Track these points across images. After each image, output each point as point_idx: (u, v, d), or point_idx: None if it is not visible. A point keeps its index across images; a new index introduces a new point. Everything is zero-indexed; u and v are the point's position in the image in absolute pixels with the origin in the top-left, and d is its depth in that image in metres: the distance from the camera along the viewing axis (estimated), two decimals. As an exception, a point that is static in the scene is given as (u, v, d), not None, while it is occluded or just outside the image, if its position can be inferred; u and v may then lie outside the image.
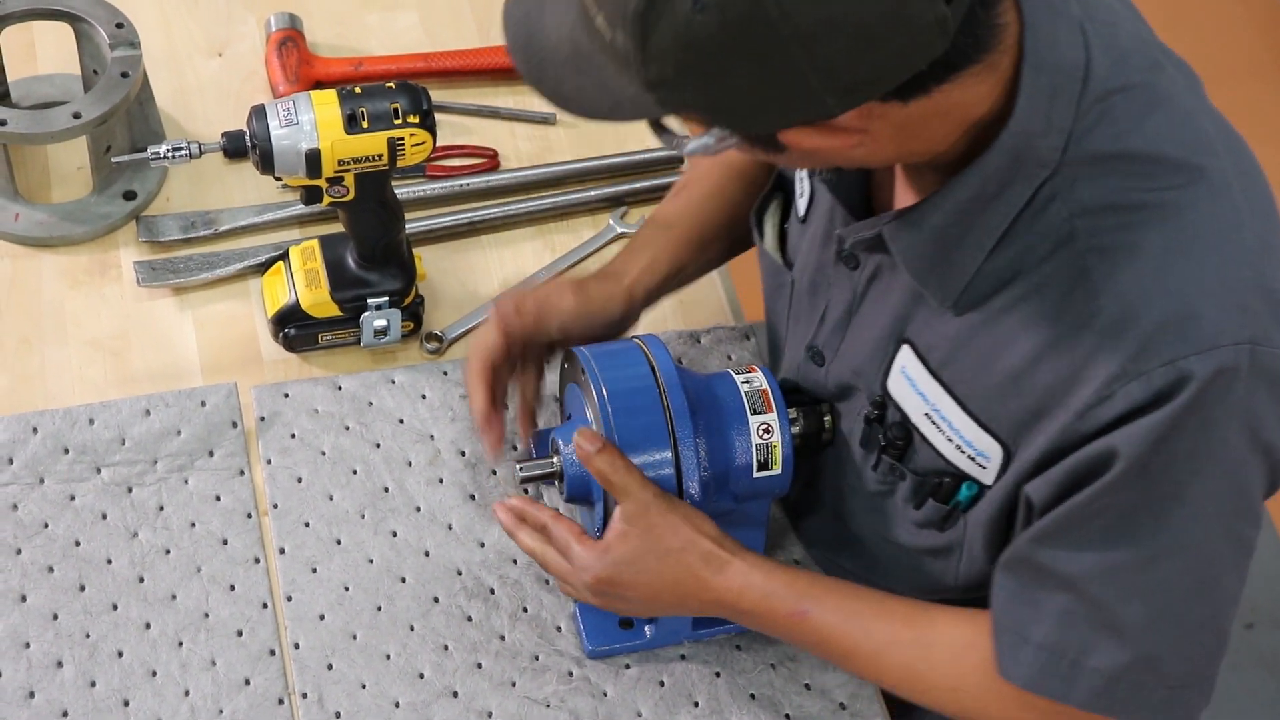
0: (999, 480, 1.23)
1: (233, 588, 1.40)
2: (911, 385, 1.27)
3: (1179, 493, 1.14)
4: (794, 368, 1.41)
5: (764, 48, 0.98)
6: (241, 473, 1.46)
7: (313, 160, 1.39)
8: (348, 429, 1.49)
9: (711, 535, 1.30)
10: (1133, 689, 1.18)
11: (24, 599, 1.37)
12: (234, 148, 1.41)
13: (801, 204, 1.39)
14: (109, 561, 1.40)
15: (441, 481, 1.47)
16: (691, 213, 1.50)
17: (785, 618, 1.30)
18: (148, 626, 1.37)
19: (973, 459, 1.24)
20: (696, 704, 1.37)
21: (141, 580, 1.39)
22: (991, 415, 1.21)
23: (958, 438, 1.24)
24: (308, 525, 1.43)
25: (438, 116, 1.44)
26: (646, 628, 1.39)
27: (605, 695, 1.37)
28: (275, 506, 1.44)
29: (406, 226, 1.53)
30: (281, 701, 1.35)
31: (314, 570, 1.41)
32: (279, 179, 1.52)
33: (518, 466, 1.38)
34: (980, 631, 1.25)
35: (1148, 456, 1.12)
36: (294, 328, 1.51)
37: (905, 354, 1.26)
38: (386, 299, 1.51)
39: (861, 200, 1.29)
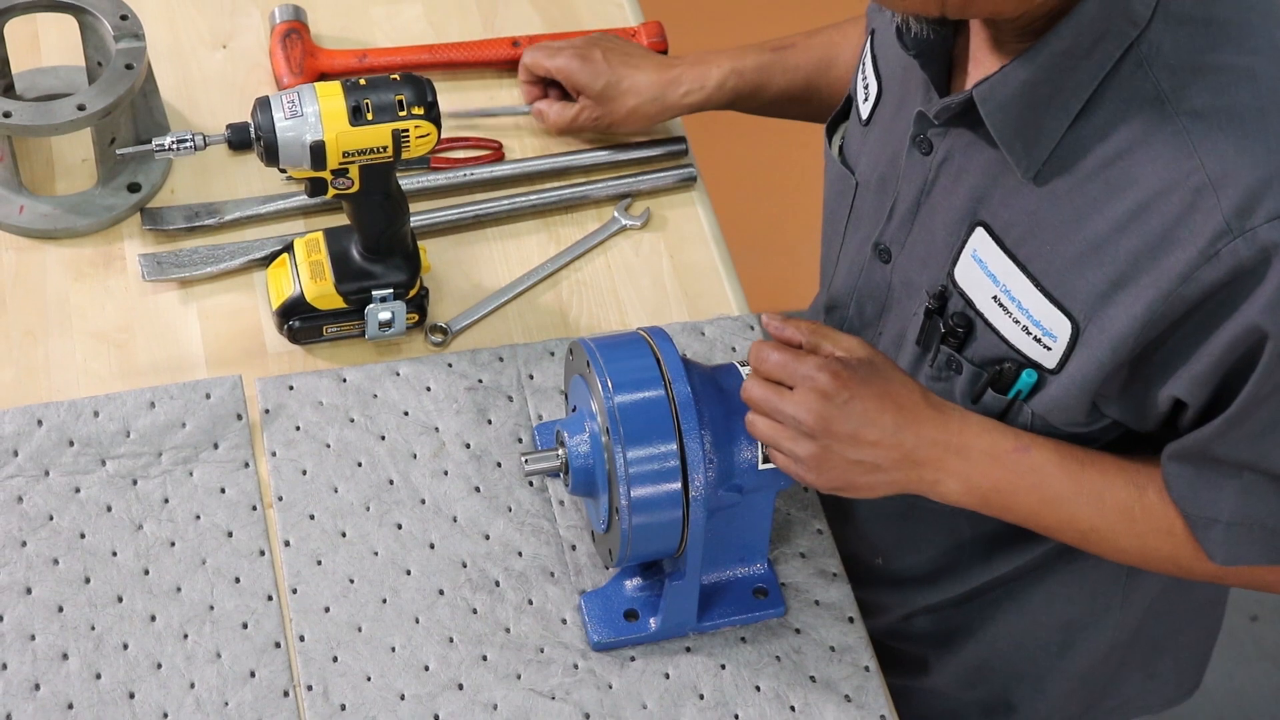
0: (1069, 360, 1.24)
1: (238, 580, 1.40)
2: (982, 268, 1.27)
3: None
4: (857, 271, 1.42)
5: None
6: (246, 465, 1.46)
7: (317, 152, 1.39)
8: (352, 421, 1.49)
9: (925, 393, 1.29)
10: None
11: (29, 591, 1.37)
12: (238, 140, 1.41)
13: (865, 108, 1.42)
14: (114, 554, 1.40)
15: (446, 474, 1.47)
16: (805, 47, 1.63)
17: (1008, 452, 1.28)
18: (153, 619, 1.37)
19: (1038, 340, 1.25)
20: (702, 696, 1.37)
21: (146, 573, 1.39)
22: (1066, 290, 1.22)
23: (1025, 318, 1.25)
24: (312, 518, 1.43)
25: (442, 109, 1.44)
26: (651, 620, 1.39)
27: (610, 688, 1.37)
28: (280, 499, 1.44)
29: (411, 218, 1.52)
30: (286, 694, 1.35)
31: (319, 563, 1.41)
32: (283, 171, 1.52)
33: (523, 459, 1.38)
34: None
35: None
36: (299, 320, 1.51)
37: (978, 236, 1.28)
38: (391, 291, 1.51)
39: (944, 78, 1.31)
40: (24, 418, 1.45)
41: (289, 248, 1.54)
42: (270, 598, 1.39)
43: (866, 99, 1.42)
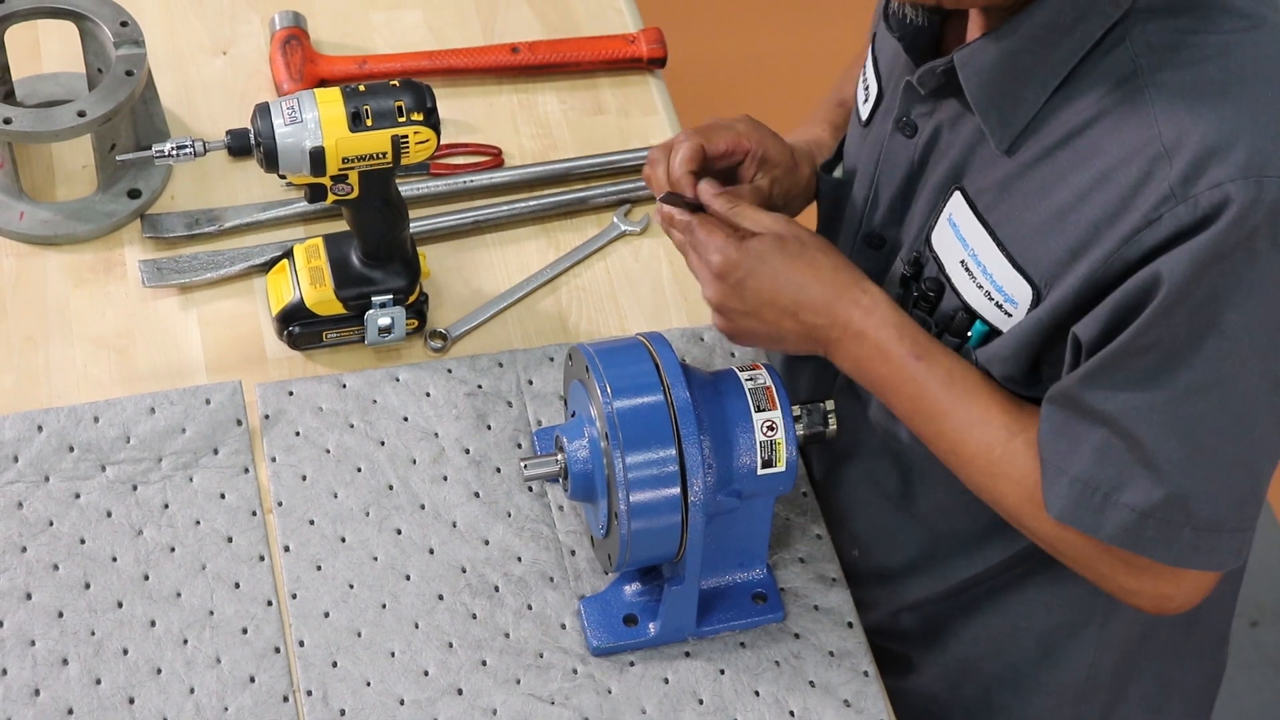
0: (1026, 320, 1.24)
1: (237, 585, 1.40)
2: (955, 231, 1.29)
3: (1217, 321, 1.15)
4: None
5: None
6: (246, 470, 1.46)
7: (317, 158, 1.40)
8: (352, 427, 1.49)
9: (841, 265, 1.33)
10: (1161, 527, 1.20)
11: (29, 597, 1.37)
12: (238, 146, 1.41)
13: (865, 109, 1.43)
14: (114, 559, 1.40)
15: (446, 479, 1.47)
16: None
17: (900, 357, 1.30)
18: (153, 624, 1.37)
19: (999, 306, 1.26)
20: (701, 701, 1.37)
21: (146, 578, 1.39)
22: (1029, 256, 1.23)
23: (989, 283, 1.26)
24: (312, 523, 1.43)
25: (441, 116, 1.44)
26: (650, 625, 1.39)
27: (610, 692, 1.37)
28: (280, 504, 1.44)
29: (411, 224, 1.53)
30: (286, 699, 1.35)
31: (318, 568, 1.41)
32: (283, 177, 1.52)
33: (522, 464, 1.38)
34: None
35: (1188, 282, 1.13)
36: (298, 325, 1.52)
37: (955, 201, 1.29)
38: (391, 297, 1.51)
39: (933, 52, 1.33)
40: (24, 423, 1.45)
41: (289, 254, 1.55)
42: (270, 603, 1.39)
43: (866, 100, 1.43)
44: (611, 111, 1.76)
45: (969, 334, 1.31)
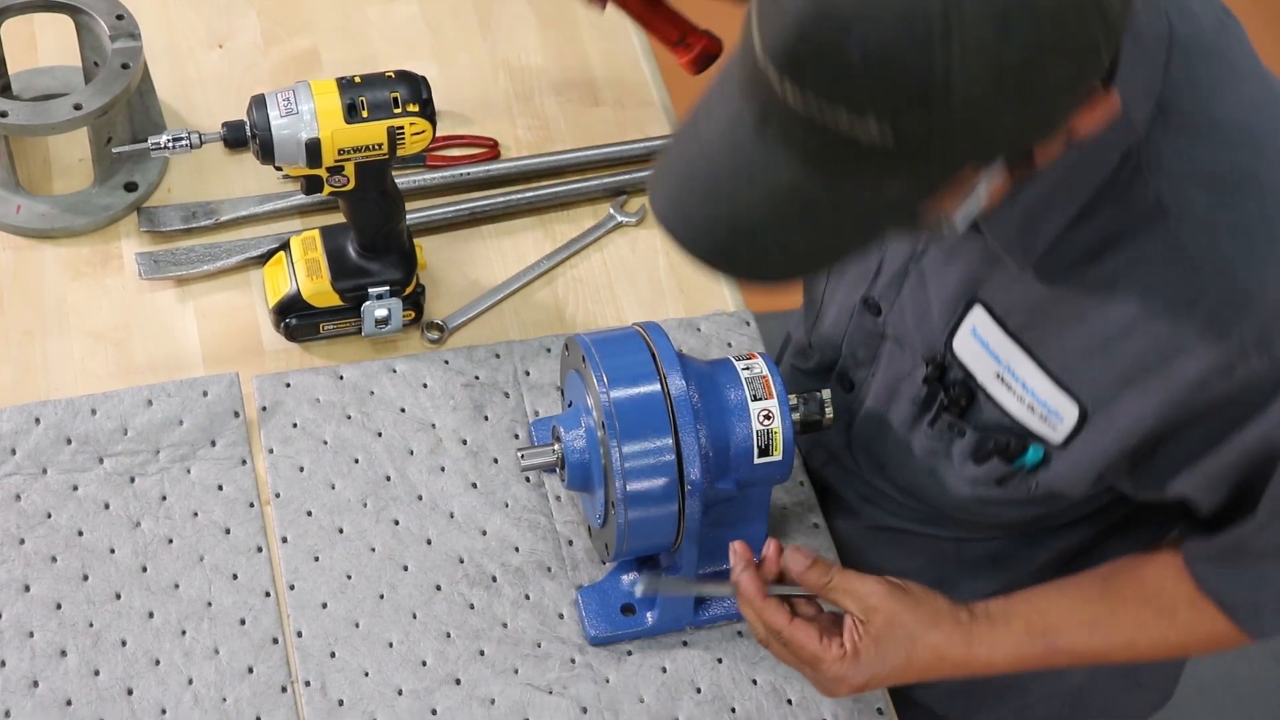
0: (1075, 440, 1.24)
1: (235, 577, 1.40)
2: (983, 345, 1.27)
3: None
4: (846, 317, 1.41)
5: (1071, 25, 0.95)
6: (243, 462, 1.46)
7: (313, 150, 1.40)
8: (349, 418, 1.49)
9: (943, 612, 1.27)
10: None
11: (28, 589, 1.38)
12: (234, 138, 1.41)
13: None
14: (112, 551, 1.40)
15: (443, 470, 1.47)
16: None
17: (1036, 660, 1.30)
18: (151, 615, 1.37)
19: (1044, 418, 1.25)
20: (699, 690, 1.38)
21: (144, 570, 1.39)
22: (1074, 377, 1.21)
23: (1030, 397, 1.24)
24: (310, 514, 1.44)
25: (438, 108, 1.44)
26: (648, 614, 1.39)
27: (608, 682, 1.38)
28: (277, 495, 1.44)
29: (407, 216, 1.53)
30: (284, 690, 1.35)
31: (316, 559, 1.41)
32: (279, 169, 1.52)
33: (519, 454, 1.38)
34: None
35: None
36: (295, 317, 1.52)
37: (977, 314, 1.27)
38: (387, 288, 1.51)
39: None
40: (22, 416, 1.46)
41: (285, 246, 1.55)
42: (268, 594, 1.39)
43: None
44: (607, 103, 1.76)
45: (1022, 460, 1.29)
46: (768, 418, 1.33)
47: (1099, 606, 1.31)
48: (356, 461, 1.47)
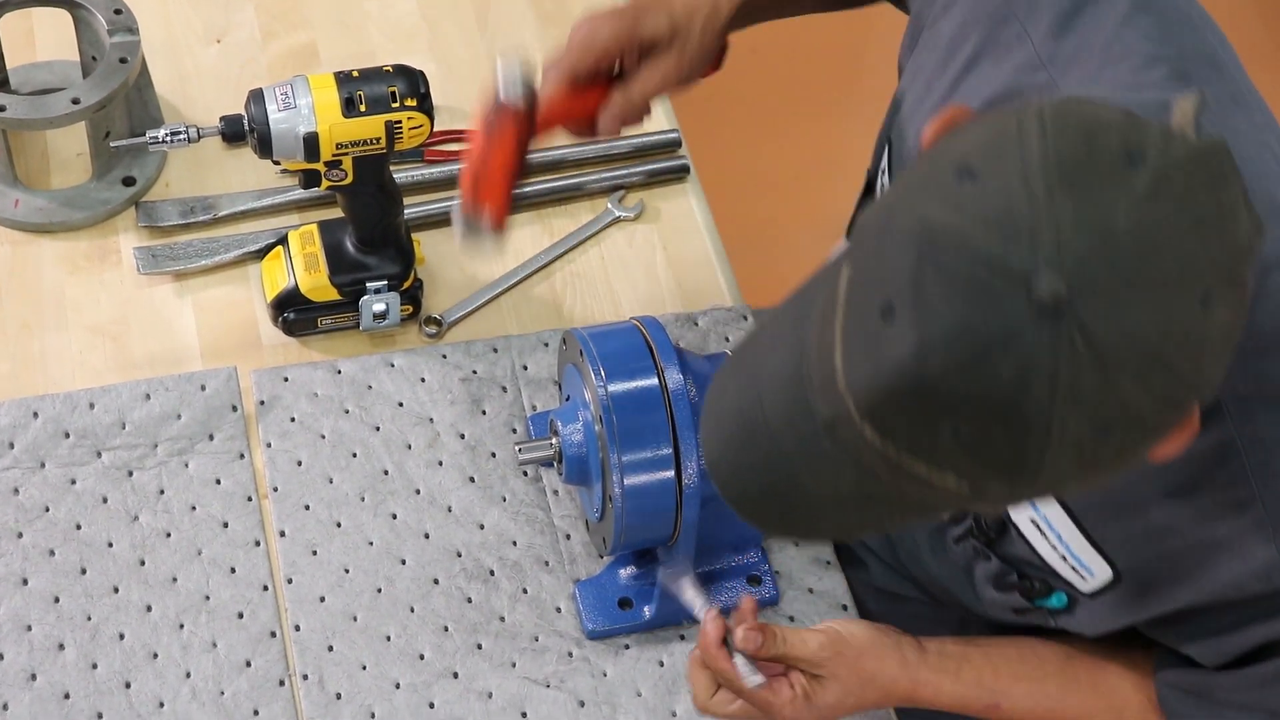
0: (1104, 594, 1.22)
1: (233, 570, 1.40)
2: None
3: None
4: None
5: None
6: (241, 456, 1.46)
7: (310, 144, 1.40)
8: (347, 412, 1.49)
9: (889, 652, 1.28)
10: None
11: (25, 582, 1.38)
12: (232, 132, 1.41)
13: None
14: (110, 545, 1.40)
15: (441, 464, 1.47)
16: None
17: (978, 710, 1.30)
18: (149, 609, 1.37)
19: (1075, 569, 1.22)
20: (696, 684, 1.38)
21: (142, 563, 1.40)
22: (1109, 541, 1.19)
23: (1063, 548, 1.22)
24: (308, 508, 1.44)
25: (436, 103, 1.44)
26: (646, 608, 1.39)
27: (605, 675, 1.38)
28: (275, 489, 1.45)
29: (405, 210, 1.53)
30: (282, 683, 1.35)
31: (314, 553, 1.42)
32: (277, 163, 1.53)
33: (516, 448, 1.39)
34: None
35: None
36: (293, 312, 1.52)
37: None
38: (385, 283, 1.51)
39: None
40: (20, 410, 1.46)
41: (283, 240, 1.55)
42: (266, 588, 1.40)
43: None
44: (605, 98, 1.76)
45: (1044, 603, 1.28)
46: (765, 412, 1.33)
47: (1052, 683, 1.30)
48: (354, 455, 1.47)
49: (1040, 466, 0.87)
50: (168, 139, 1.42)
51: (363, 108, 1.40)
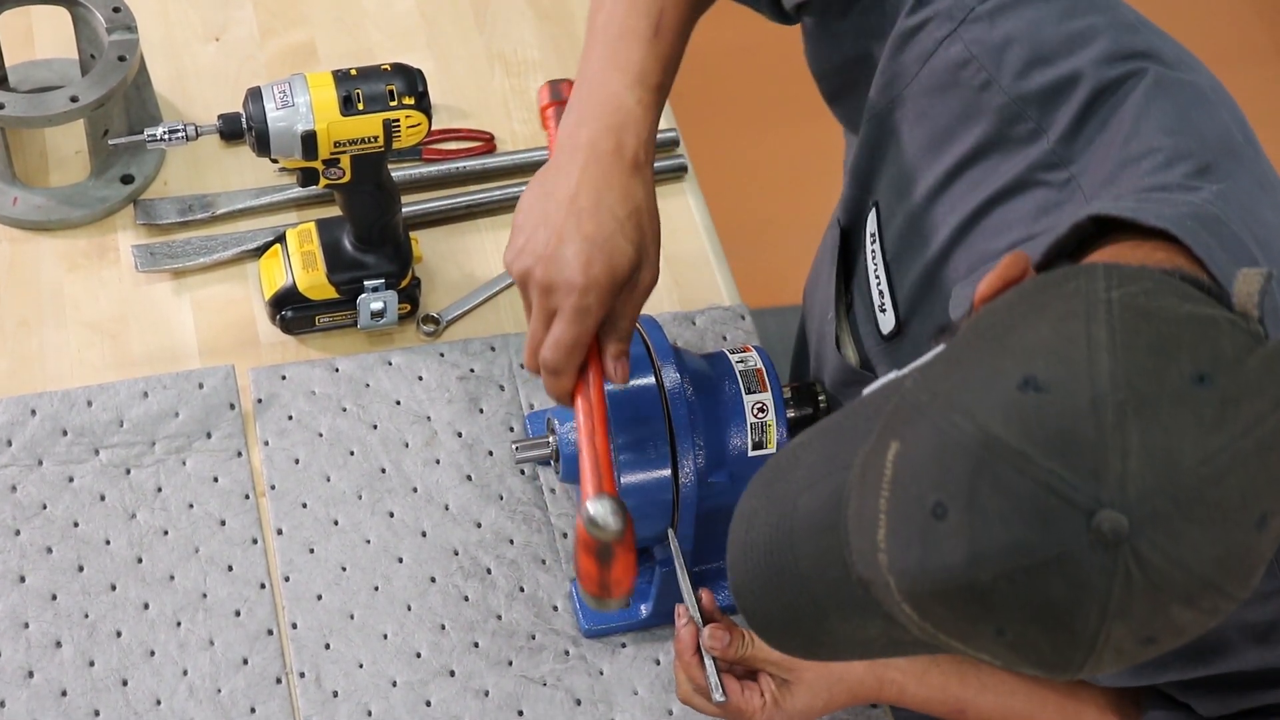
0: None
1: (231, 568, 1.40)
2: None
3: None
4: None
5: None
6: (239, 454, 1.46)
7: (308, 142, 1.40)
8: (345, 410, 1.49)
9: (856, 673, 1.29)
10: None
11: (23, 579, 1.38)
12: (230, 130, 1.41)
13: (887, 321, 1.30)
14: (107, 542, 1.40)
15: (438, 462, 1.48)
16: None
17: (945, 715, 1.31)
18: (146, 607, 1.37)
19: None
20: (692, 682, 1.38)
21: (140, 561, 1.40)
22: None
23: None
24: (305, 506, 1.44)
25: (433, 101, 1.44)
26: (642, 606, 1.39)
27: (601, 674, 1.38)
28: (273, 487, 1.45)
29: (403, 209, 1.53)
30: (279, 681, 1.35)
31: (311, 550, 1.42)
32: (275, 161, 1.53)
33: (513, 447, 1.39)
34: None
35: None
36: (291, 310, 1.52)
37: None
38: (383, 281, 1.51)
39: None
40: (18, 407, 1.46)
41: (281, 238, 1.55)
42: (263, 585, 1.40)
43: (884, 308, 1.31)
44: (603, 97, 1.76)
45: None
46: (761, 411, 1.33)
47: (1019, 699, 1.29)
48: (352, 454, 1.47)
49: (1080, 667, 0.87)
50: (166, 137, 1.42)
51: (361, 106, 1.40)
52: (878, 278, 1.29)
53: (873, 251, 1.30)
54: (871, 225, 1.30)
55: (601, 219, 1.17)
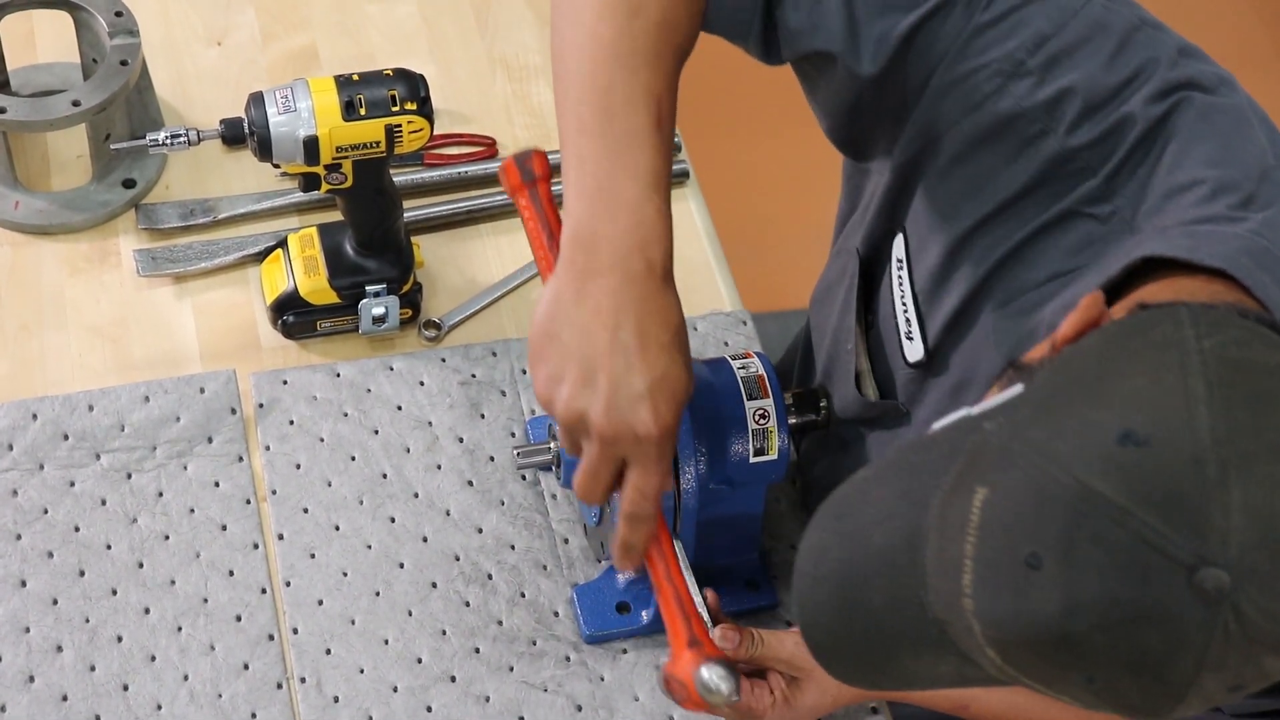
0: None
1: (231, 573, 1.40)
2: None
3: None
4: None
5: None
6: (240, 459, 1.46)
7: (310, 147, 1.40)
8: (346, 415, 1.49)
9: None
10: None
11: (24, 584, 1.38)
12: (232, 135, 1.41)
13: (914, 349, 1.29)
14: (108, 547, 1.40)
15: (439, 468, 1.47)
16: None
17: (949, 709, 1.31)
18: (147, 611, 1.37)
19: None
20: (693, 688, 1.38)
21: (141, 565, 1.40)
22: None
23: None
24: (306, 511, 1.44)
25: (435, 106, 1.44)
26: (644, 612, 1.39)
27: (602, 680, 1.38)
28: (274, 492, 1.45)
29: (404, 214, 1.53)
30: (280, 686, 1.35)
31: (312, 556, 1.42)
32: (277, 166, 1.53)
33: (515, 452, 1.39)
34: None
35: None
36: (292, 315, 1.52)
37: None
38: (384, 286, 1.51)
39: None
40: (19, 412, 1.46)
41: (283, 243, 1.55)
42: (264, 591, 1.40)
43: (910, 334, 1.31)
44: (605, 102, 1.76)
45: None
46: (763, 417, 1.33)
47: (1022, 695, 1.27)
48: (353, 459, 1.47)
49: (1169, 714, 0.87)
50: (168, 141, 1.42)
51: (363, 111, 1.40)
52: (905, 305, 1.29)
53: (899, 278, 1.29)
54: (899, 251, 1.29)
55: (653, 356, 1.11)
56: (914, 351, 1.29)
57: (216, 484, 1.45)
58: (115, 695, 1.33)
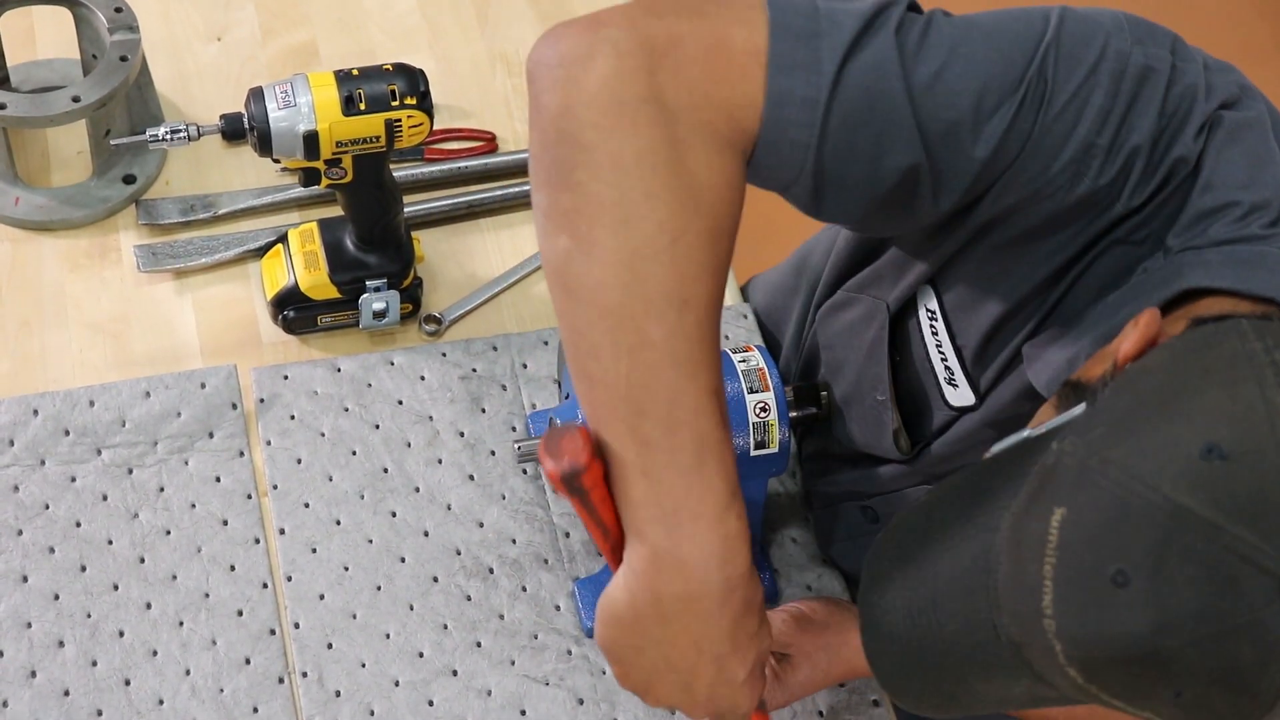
0: None
1: (233, 568, 1.40)
2: None
3: None
4: None
5: None
6: (241, 454, 1.46)
7: (310, 142, 1.40)
8: (347, 410, 1.49)
9: (849, 628, 1.31)
10: None
11: (25, 579, 1.38)
12: (232, 130, 1.41)
13: (961, 395, 1.29)
14: (110, 542, 1.40)
15: (440, 462, 1.48)
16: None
17: None
18: (148, 606, 1.38)
19: None
20: (694, 682, 1.38)
21: (142, 561, 1.40)
22: None
23: None
24: (307, 506, 1.44)
25: (435, 101, 1.44)
26: (644, 606, 1.39)
27: (604, 673, 1.38)
28: (275, 487, 1.45)
29: (405, 209, 1.53)
30: (281, 680, 1.35)
31: (314, 550, 1.42)
32: (277, 161, 1.53)
33: (516, 446, 1.39)
34: None
35: None
36: (293, 310, 1.52)
37: None
38: (385, 281, 1.51)
39: None
40: (20, 407, 1.46)
41: (283, 238, 1.55)
42: (265, 585, 1.40)
43: (955, 382, 1.31)
44: (605, 97, 1.76)
45: None
46: (763, 410, 1.33)
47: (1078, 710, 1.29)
48: (354, 453, 1.47)
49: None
50: (168, 137, 1.42)
51: (362, 106, 1.40)
52: (942, 353, 1.28)
53: (932, 329, 1.28)
54: (929, 303, 1.28)
55: (745, 650, 1.08)
56: (961, 397, 1.29)
57: (217, 479, 1.45)
58: (117, 690, 1.33)
